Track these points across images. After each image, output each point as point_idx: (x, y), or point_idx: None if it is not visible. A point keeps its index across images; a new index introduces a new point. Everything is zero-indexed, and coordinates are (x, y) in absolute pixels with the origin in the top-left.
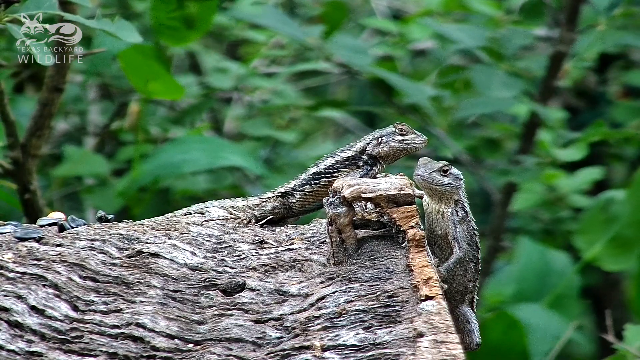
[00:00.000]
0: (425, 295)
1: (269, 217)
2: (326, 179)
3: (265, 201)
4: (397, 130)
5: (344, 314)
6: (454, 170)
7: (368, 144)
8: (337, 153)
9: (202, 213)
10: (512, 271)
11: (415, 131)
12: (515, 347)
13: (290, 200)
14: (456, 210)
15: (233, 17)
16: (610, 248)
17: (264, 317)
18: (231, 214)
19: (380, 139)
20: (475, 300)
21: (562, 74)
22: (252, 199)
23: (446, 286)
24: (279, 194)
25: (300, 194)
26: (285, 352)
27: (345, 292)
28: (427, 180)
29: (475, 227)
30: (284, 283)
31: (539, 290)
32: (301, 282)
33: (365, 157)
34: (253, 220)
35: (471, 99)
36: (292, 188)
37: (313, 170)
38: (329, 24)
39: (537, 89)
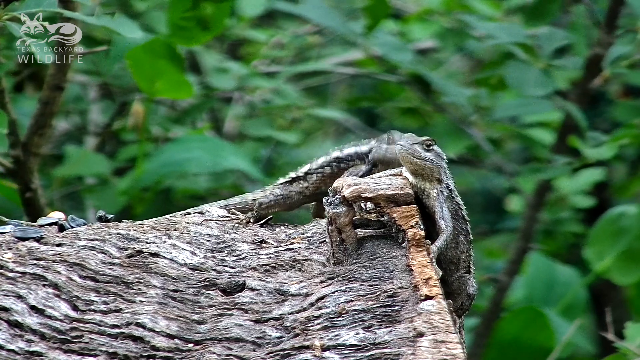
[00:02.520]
0: (425, 295)
1: (270, 217)
2: (345, 164)
3: (274, 188)
4: (385, 139)
5: (344, 313)
6: (437, 148)
7: (373, 146)
8: (359, 144)
9: (202, 213)
10: (521, 281)
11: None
12: (539, 338)
13: (301, 185)
14: (441, 191)
15: (273, 7)
16: (620, 261)
17: (264, 316)
18: (232, 214)
19: (376, 145)
20: (471, 269)
21: (601, 80)
22: (260, 192)
23: (441, 272)
24: (289, 180)
25: (318, 176)
26: (285, 352)
27: (345, 291)
28: (407, 150)
29: (461, 202)
30: (284, 283)
31: (545, 300)
32: (301, 281)
33: (369, 157)
34: (252, 220)
35: (508, 100)
36: (304, 172)
37: (336, 154)
38: (370, 19)
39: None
